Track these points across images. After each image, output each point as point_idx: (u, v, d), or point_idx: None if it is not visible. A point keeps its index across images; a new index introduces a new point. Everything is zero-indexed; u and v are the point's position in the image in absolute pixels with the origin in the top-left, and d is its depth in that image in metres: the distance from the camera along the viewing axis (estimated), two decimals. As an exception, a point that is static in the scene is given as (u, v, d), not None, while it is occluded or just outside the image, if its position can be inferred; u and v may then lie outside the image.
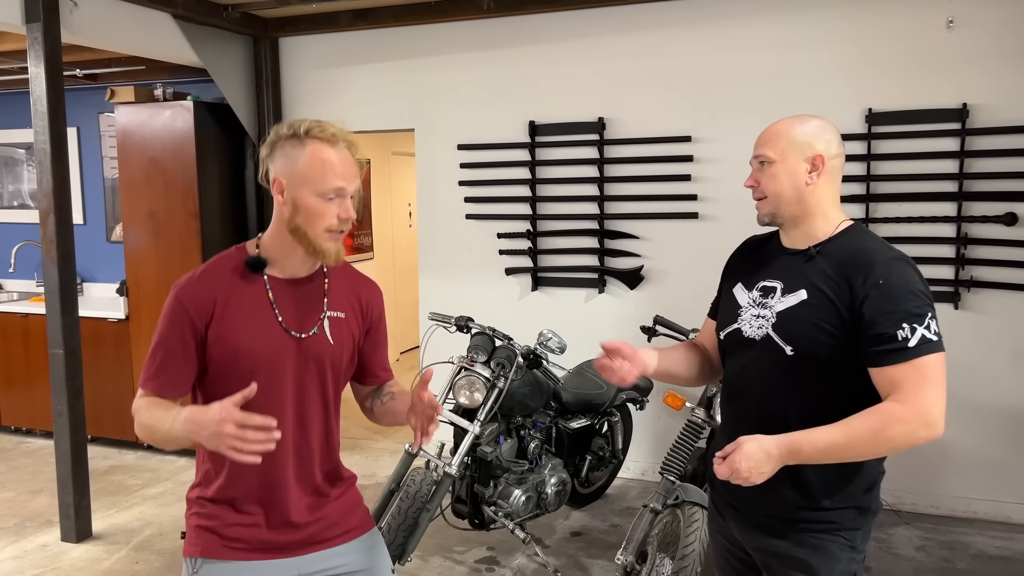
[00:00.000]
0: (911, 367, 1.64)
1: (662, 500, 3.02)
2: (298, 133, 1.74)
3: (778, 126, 1.86)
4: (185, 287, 1.76)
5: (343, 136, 1.76)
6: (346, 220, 1.76)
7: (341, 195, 1.74)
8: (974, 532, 4.01)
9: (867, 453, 1.69)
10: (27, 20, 3.75)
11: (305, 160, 1.72)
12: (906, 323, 1.65)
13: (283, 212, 1.76)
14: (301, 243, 1.77)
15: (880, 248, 1.76)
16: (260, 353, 1.74)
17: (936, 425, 1.65)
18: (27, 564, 3.79)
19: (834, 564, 1.78)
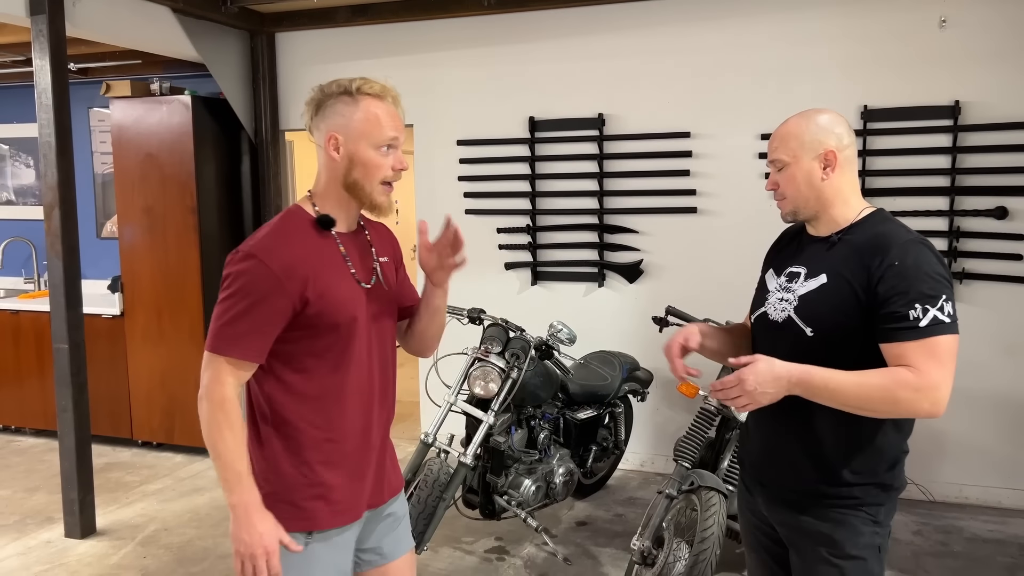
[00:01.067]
0: (921, 345, 1.70)
1: (677, 486, 3.08)
2: (349, 91, 1.79)
3: (788, 127, 1.92)
4: (271, 253, 1.72)
5: (390, 91, 1.84)
6: (400, 170, 1.83)
7: (395, 145, 1.82)
8: (967, 517, 4.13)
9: (870, 408, 1.73)
10: (32, 12, 3.72)
11: (360, 115, 1.78)
12: (919, 303, 1.71)
13: (338, 168, 1.81)
14: (357, 197, 1.83)
15: (898, 231, 1.83)
16: (346, 308, 1.80)
17: (940, 404, 1.70)
18: (33, 560, 3.76)
19: (857, 537, 1.84)
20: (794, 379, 1.75)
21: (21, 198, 6.24)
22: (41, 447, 5.41)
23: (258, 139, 5.28)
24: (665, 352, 2.00)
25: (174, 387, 5.10)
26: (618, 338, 4.64)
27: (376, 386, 1.89)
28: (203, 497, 4.51)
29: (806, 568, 1.90)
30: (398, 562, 2.00)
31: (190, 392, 5.04)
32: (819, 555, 1.87)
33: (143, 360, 5.16)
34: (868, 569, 1.86)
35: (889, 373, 1.71)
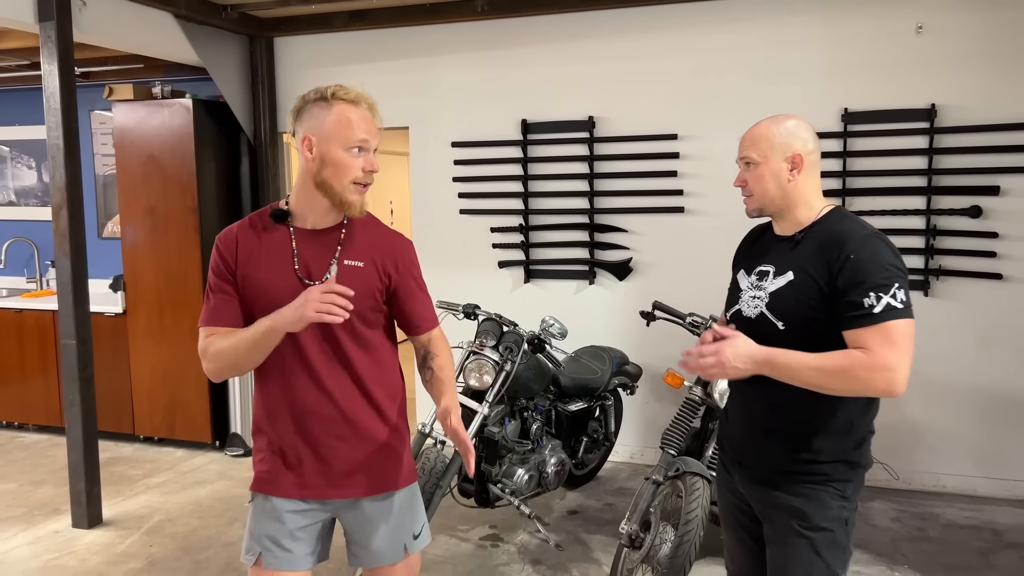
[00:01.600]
0: (876, 330, 1.84)
1: (663, 472, 3.22)
2: (325, 96, 1.96)
3: (759, 129, 2.07)
4: (221, 235, 2.04)
5: (365, 98, 1.99)
6: (370, 172, 1.97)
7: (365, 148, 1.95)
8: (944, 504, 4.29)
9: (830, 386, 1.88)
10: (40, 19, 3.85)
11: (332, 118, 1.93)
12: (873, 292, 1.85)
13: (311, 167, 1.96)
14: (327, 196, 1.97)
15: (854, 227, 1.97)
16: (275, 295, 1.94)
17: (896, 383, 1.84)
18: (43, 549, 3.88)
19: (826, 511, 1.99)
20: (761, 359, 1.90)
21: (23, 199, 6.35)
22: (44, 443, 5.52)
23: (257, 141, 5.41)
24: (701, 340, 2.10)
25: (175, 383, 5.23)
26: (608, 334, 4.79)
27: (315, 379, 1.99)
28: (205, 489, 4.63)
29: (779, 539, 2.05)
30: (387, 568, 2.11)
31: (191, 388, 5.19)
32: (791, 527, 2.01)
33: (145, 357, 5.28)
34: (835, 540, 2.00)
35: (847, 355, 1.86)
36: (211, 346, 1.95)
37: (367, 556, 2.10)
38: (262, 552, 2.02)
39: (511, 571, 3.60)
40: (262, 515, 2.04)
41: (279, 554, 2.02)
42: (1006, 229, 4.22)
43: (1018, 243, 4.21)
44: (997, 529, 3.99)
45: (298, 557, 2.04)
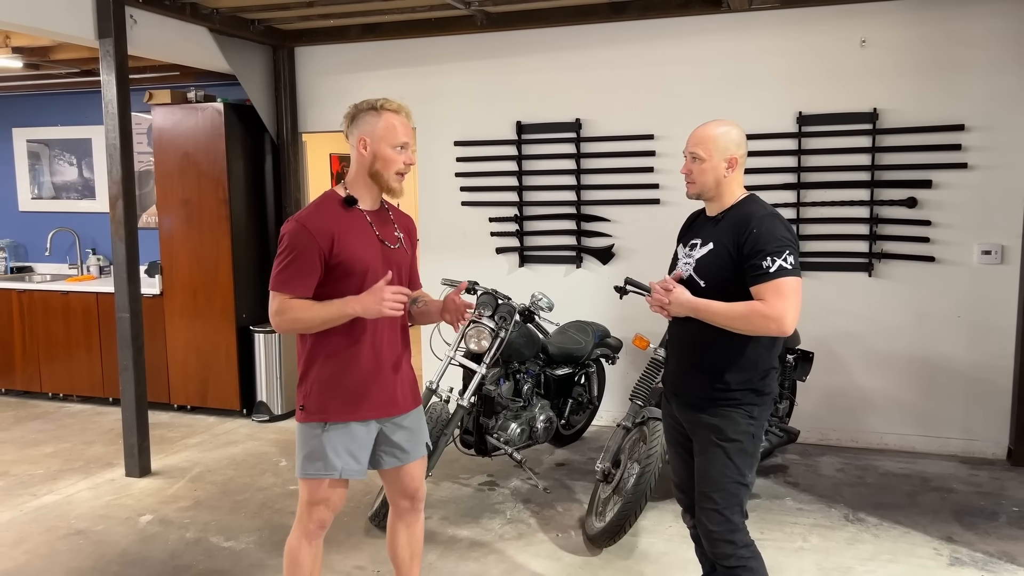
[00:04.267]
0: (770, 285, 2.45)
1: (632, 419, 3.85)
2: (375, 107, 2.58)
3: (707, 131, 2.67)
4: (309, 220, 2.50)
5: (405, 108, 2.62)
6: (409, 164, 2.60)
7: (406, 147, 2.58)
8: (884, 459, 4.90)
9: (737, 326, 2.50)
10: (100, 35, 4.46)
11: (382, 124, 2.55)
12: (769, 257, 2.46)
13: (365, 162, 2.58)
14: (378, 183, 2.60)
15: (758, 209, 2.59)
16: (369, 259, 2.55)
17: (785, 325, 2.44)
18: (102, 493, 4.51)
19: (737, 427, 2.60)
20: (691, 305, 2.55)
21: (64, 193, 6.98)
22: (89, 411, 6.16)
23: (280, 140, 6.03)
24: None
25: (208, 357, 5.86)
26: (593, 312, 5.40)
27: (386, 324, 2.62)
28: (237, 448, 5.27)
29: (701, 449, 2.66)
30: (413, 464, 2.77)
31: (221, 361, 5.81)
32: (710, 439, 2.63)
33: (180, 334, 5.91)
34: (744, 449, 2.61)
35: (749, 304, 2.48)
36: (288, 311, 2.47)
37: (406, 456, 2.73)
38: (342, 467, 2.61)
39: (505, 508, 4.22)
40: (347, 437, 2.60)
41: (354, 466, 2.64)
42: (938, 218, 4.83)
43: (948, 230, 4.82)
44: (926, 477, 4.60)
45: (363, 467, 2.67)
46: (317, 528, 2.70)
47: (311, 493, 2.66)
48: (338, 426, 2.60)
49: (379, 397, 2.63)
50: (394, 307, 2.44)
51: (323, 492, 2.65)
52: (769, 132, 5.00)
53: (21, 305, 6.35)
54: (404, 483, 2.80)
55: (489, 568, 3.56)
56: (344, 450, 2.61)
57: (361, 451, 2.64)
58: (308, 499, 2.67)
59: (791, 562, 3.57)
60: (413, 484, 2.81)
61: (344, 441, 2.61)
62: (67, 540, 3.90)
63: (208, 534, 3.95)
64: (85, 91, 6.69)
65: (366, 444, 2.66)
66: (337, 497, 2.68)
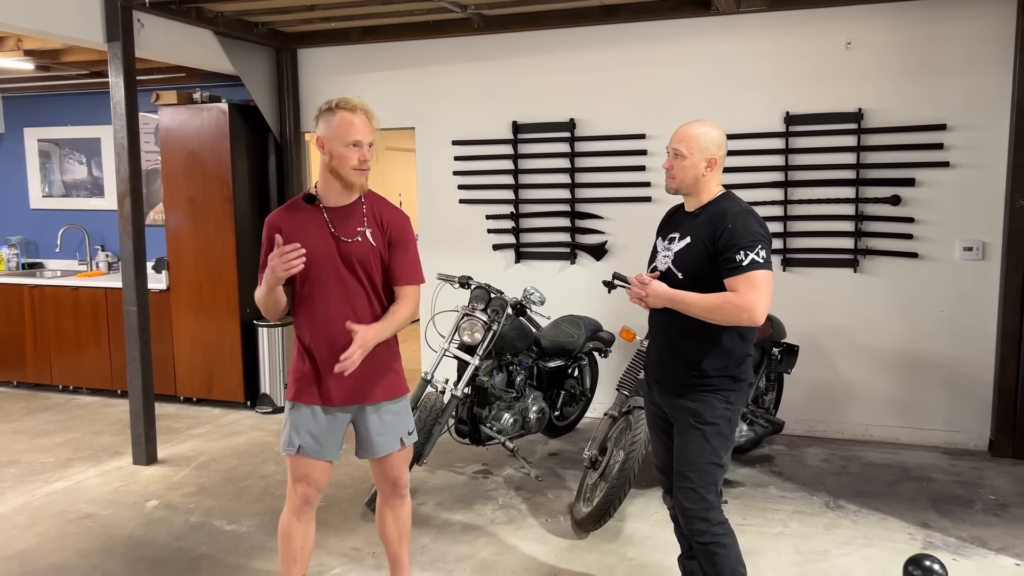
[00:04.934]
0: (743, 278, 2.59)
1: (618, 409, 4.00)
2: (331, 107, 2.72)
3: (690, 130, 2.81)
4: (270, 216, 2.81)
5: (360, 106, 2.73)
6: (364, 161, 2.71)
7: (359, 145, 2.69)
8: (868, 450, 5.04)
9: (712, 317, 2.63)
10: (108, 39, 4.63)
11: (335, 122, 2.69)
12: (742, 251, 2.60)
13: (325, 160, 2.74)
14: (338, 180, 2.74)
15: (733, 206, 2.73)
16: (315, 250, 2.68)
17: (756, 315, 2.57)
18: (111, 479, 4.68)
19: (714, 411, 2.74)
20: (667, 297, 2.70)
21: (74, 191, 7.16)
22: (98, 403, 6.33)
23: (283, 140, 6.20)
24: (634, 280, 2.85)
25: (212, 350, 6.03)
26: (587, 306, 5.54)
27: (350, 314, 2.73)
28: (241, 438, 5.43)
29: (681, 432, 2.81)
30: (392, 455, 2.90)
31: (226, 355, 5.98)
32: (688, 423, 2.77)
33: (185, 328, 6.08)
34: (721, 431, 2.76)
35: (723, 295, 2.62)
36: (255, 295, 2.76)
37: (375, 448, 2.86)
38: (301, 445, 2.78)
39: (498, 494, 4.38)
40: (309, 419, 2.77)
41: (313, 445, 2.79)
42: (921, 215, 4.96)
43: (931, 227, 4.95)
44: (907, 467, 4.73)
45: (324, 449, 2.81)
46: (302, 504, 2.86)
47: (292, 469, 2.85)
48: (299, 407, 2.79)
49: (334, 386, 2.76)
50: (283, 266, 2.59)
51: (300, 468, 2.82)
52: (757, 131, 5.14)
53: (32, 300, 6.53)
54: (383, 471, 2.95)
55: (480, 550, 3.71)
56: (304, 430, 2.79)
57: (323, 434, 2.80)
58: (291, 475, 2.86)
59: (770, 545, 3.72)
60: (392, 473, 2.95)
61: (304, 422, 2.79)
62: (76, 523, 4.06)
63: (211, 518, 4.11)
64: (94, 92, 6.87)
65: (329, 428, 2.81)
66: (317, 475, 2.83)
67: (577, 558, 3.63)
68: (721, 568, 2.75)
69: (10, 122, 7.32)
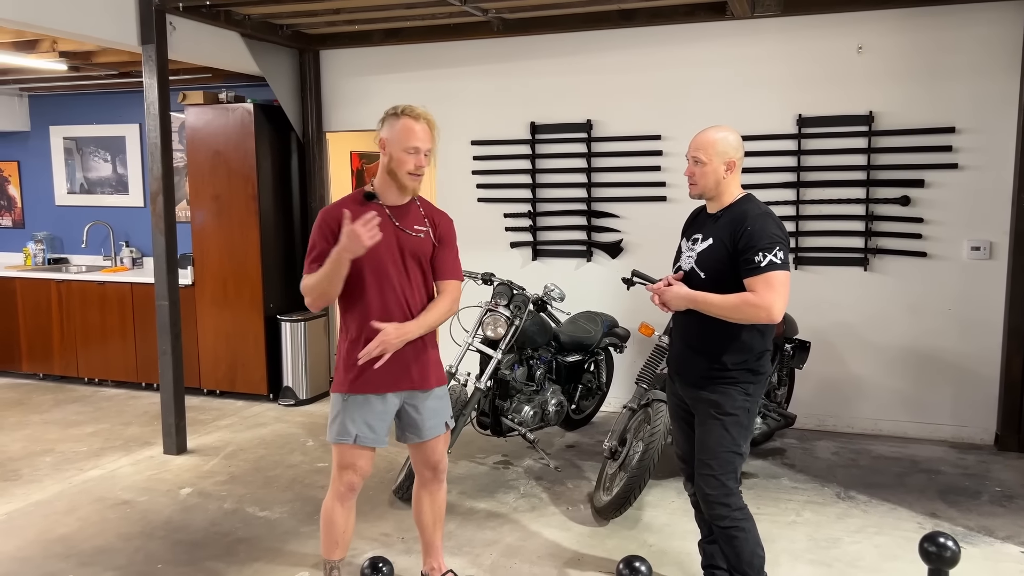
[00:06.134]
0: (761, 278, 2.74)
1: (637, 401, 4.15)
2: (397, 112, 2.87)
3: (707, 137, 2.95)
4: (326, 210, 2.91)
5: (424, 115, 2.90)
6: (419, 167, 2.87)
7: (417, 152, 2.85)
8: (877, 444, 5.18)
9: (731, 316, 2.78)
10: (143, 42, 4.78)
11: (399, 128, 2.84)
12: (760, 252, 2.74)
13: (384, 161, 2.88)
14: (394, 181, 2.90)
15: (753, 209, 2.87)
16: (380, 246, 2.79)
17: (774, 314, 2.72)
18: (143, 468, 4.84)
19: (733, 402, 2.89)
20: (689, 298, 2.84)
21: (99, 188, 7.31)
22: (124, 395, 6.49)
23: (305, 139, 6.35)
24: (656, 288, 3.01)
25: (236, 344, 6.18)
26: (602, 303, 5.68)
27: (403, 303, 2.90)
28: (266, 429, 5.59)
29: (702, 422, 2.96)
30: (435, 439, 3.07)
31: (250, 348, 6.14)
32: (709, 414, 2.92)
33: (210, 322, 6.24)
34: (740, 422, 2.91)
35: (741, 295, 2.77)
36: (306, 282, 2.84)
37: (424, 432, 3.02)
38: (357, 434, 2.92)
39: (519, 484, 4.53)
40: (365, 409, 2.91)
41: (369, 434, 2.94)
42: (930, 215, 5.10)
43: (939, 227, 5.09)
44: (916, 460, 4.87)
45: (379, 436, 2.97)
46: (347, 491, 3.01)
47: (339, 457, 2.98)
48: (355, 397, 2.91)
49: (392, 374, 2.90)
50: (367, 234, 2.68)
51: (348, 457, 2.96)
52: (770, 133, 5.28)
53: (59, 294, 6.70)
54: (426, 455, 3.10)
55: (505, 536, 3.86)
56: (360, 419, 2.92)
57: (377, 421, 2.94)
58: (337, 463, 2.99)
59: (784, 533, 3.86)
60: (434, 457, 3.11)
61: (360, 410, 2.92)
62: (115, 509, 4.22)
63: (244, 505, 4.26)
64: (119, 91, 7.03)
65: (383, 415, 2.95)
66: (363, 463, 2.98)
67: (599, 544, 3.78)
68: (741, 551, 2.89)
69: (35, 121, 7.48)
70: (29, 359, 6.91)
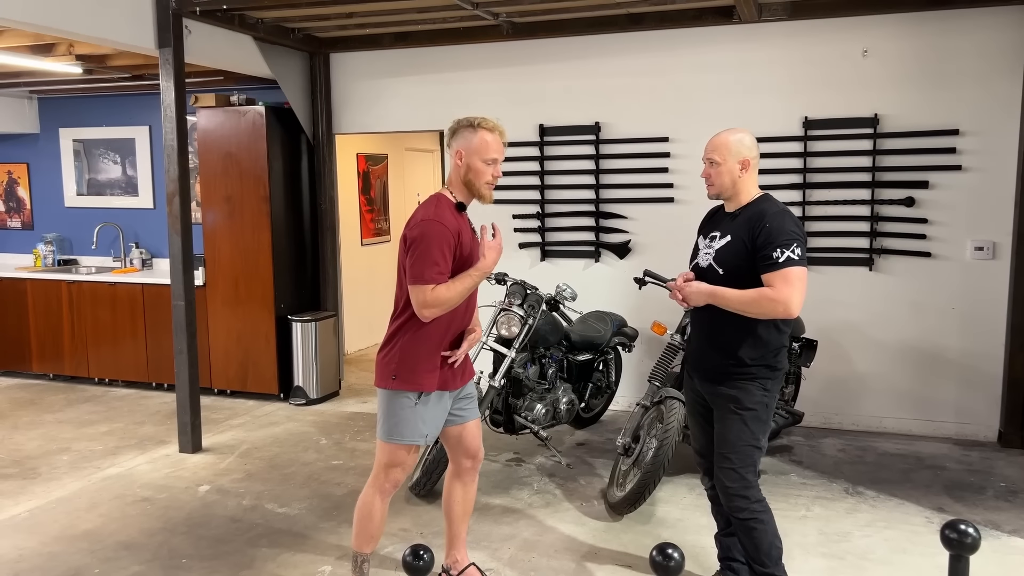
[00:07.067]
0: (778, 274, 2.81)
1: (650, 399, 4.22)
2: (473, 124, 2.97)
3: (721, 138, 3.03)
4: (443, 221, 2.85)
5: (498, 127, 3.00)
6: (496, 177, 2.98)
7: (495, 163, 2.96)
8: (883, 441, 5.26)
9: (749, 311, 2.86)
10: (160, 45, 4.84)
11: (477, 140, 2.94)
12: (778, 248, 2.82)
13: (460, 172, 2.97)
14: (470, 191, 2.99)
15: (770, 207, 2.95)
16: (475, 252, 2.93)
17: (791, 308, 2.79)
18: (160, 466, 4.90)
19: (752, 397, 2.96)
20: (708, 293, 2.92)
21: (108, 190, 7.37)
22: (135, 395, 6.55)
23: (315, 141, 6.41)
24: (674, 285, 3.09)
25: (248, 344, 6.24)
26: (610, 303, 5.76)
27: (468, 308, 3.05)
28: (279, 428, 5.65)
29: (720, 417, 3.03)
30: (473, 423, 3.20)
31: (261, 348, 6.20)
32: (728, 408, 2.99)
33: (222, 322, 6.29)
34: (758, 417, 2.98)
35: (759, 291, 2.84)
36: (442, 292, 2.80)
37: (469, 414, 3.17)
38: (428, 434, 3.00)
39: (532, 480, 4.60)
40: (436, 407, 3.00)
41: (436, 433, 3.05)
42: (934, 216, 5.18)
43: (943, 227, 5.18)
44: (921, 456, 4.96)
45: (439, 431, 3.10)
46: (392, 487, 3.09)
47: (391, 456, 3.02)
48: (429, 397, 2.97)
49: (459, 370, 3.06)
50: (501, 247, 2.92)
51: (401, 456, 3.03)
52: (777, 135, 5.36)
53: (70, 295, 6.75)
54: (467, 443, 3.21)
55: (521, 531, 3.94)
56: (432, 419, 3.01)
57: (442, 419, 3.06)
58: (388, 461, 3.03)
59: (795, 528, 3.94)
60: (475, 443, 3.23)
61: (433, 411, 3.00)
62: (135, 506, 4.28)
63: (263, 501, 4.33)
64: (129, 94, 7.09)
65: (446, 412, 3.08)
66: (412, 460, 3.08)
67: (614, 538, 3.85)
68: (759, 542, 2.97)
69: (45, 123, 7.53)
70: (39, 359, 6.96)
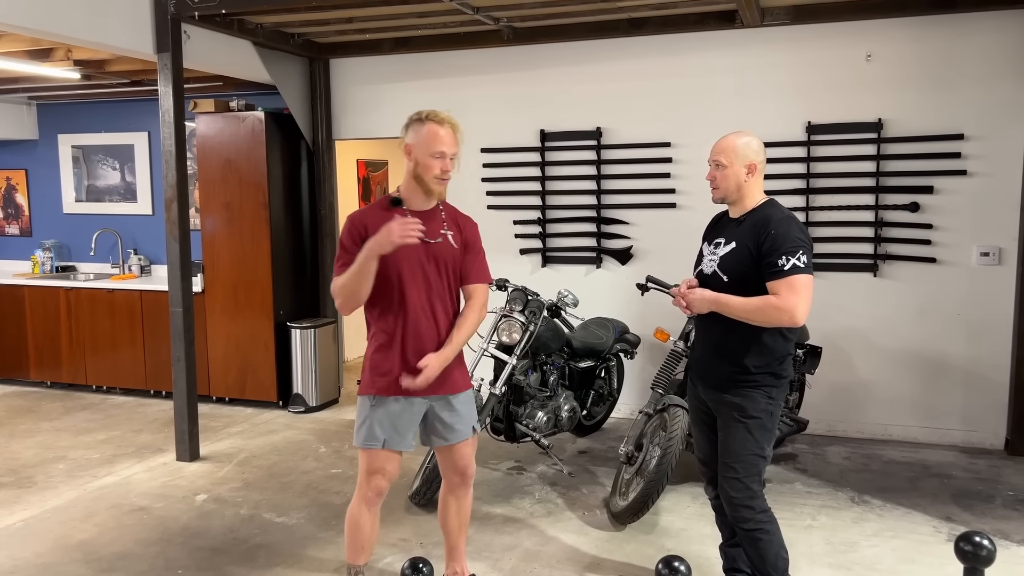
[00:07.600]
0: (784, 282, 2.76)
1: (653, 406, 4.17)
2: (421, 117, 2.90)
3: (728, 141, 2.99)
4: (354, 215, 2.93)
5: (447, 119, 2.92)
6: (445, 171, 2.91)
7: (443, 156, 2.88)
8: (888, 448, 5.20)
9: (754, 318, 2.81)
10: (158, 50, 4.81)
11: (425, 133, 2.87)
12: (784, 255, 2.77)
13: (410, 167, 2.91)
14: (420, 186, 2.92)
15: (776, 213, 2.90)
16: (404, 249, 2.82)
17: (797, 317, 2.75)
18: (157, 475, 4.84)
19: (757, 405, 2.91)
20: (712, 300, 2.86)
21: (107, 196, 7.33)
22: (133, 403, 6.49)
23: (315, 147, 6.37)
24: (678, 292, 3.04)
25: (246, 351, 6.19)
26: (612, 309, 5.71)
27: (429, 310, 2.92)
28: (277, 436, 5.59)
29: (724, 425, 2.98)
30: (462, 443, 3.08)
31: (260, 355, 6.15)
32: (732, 416, 2.94)
33: (220, 329, 6.24)
34: (763, 425, 2.93)
35: (764, 298, 2.79)
36: (336, 283, 2.86)
37: (452, 435, 3.03)
38: (386, 439, 2.93)
39: (533, 489, 4.54)
40: (396, 412, 2.92)
41: (397, 438, 2.95)
42: (939, 221, 5.14)
43: (948, 233, 5.13)
44: (927, 464, 4.90)
45: (407, 440, 2.98)
46: (375, 495, 3.02)
47: (367, 462, 2.98)
48: (383, 401, 2.92)
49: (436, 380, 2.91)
50: (406, 233, 2.73)
51: (377, 462, 2.97)
52: (780, 140, 5.31)
53: (68, 302, 6.70)
54: (454, 460, 3.11)
55: (523, 541, 3.88)
56: (388, 424, 2.93)
57: (404, 425, 2.95)
58: (366, 468, 2.99)
59: (801, 537, 3.88)
60: (463, 462, 3.12)
61: (388, 415, 2.93)
62: (132, 515, 4.23)
63: (261, 511, 4.27)
64: (128, 100, 7.05)
65: (410, 419, 2.96)
66: (391, 467, 3.00)
67: (617, 548, 3.79)
68: (765, 553, 2.91)
69: (44, 129, 7.50)
70: (37, 367, 6.91)
